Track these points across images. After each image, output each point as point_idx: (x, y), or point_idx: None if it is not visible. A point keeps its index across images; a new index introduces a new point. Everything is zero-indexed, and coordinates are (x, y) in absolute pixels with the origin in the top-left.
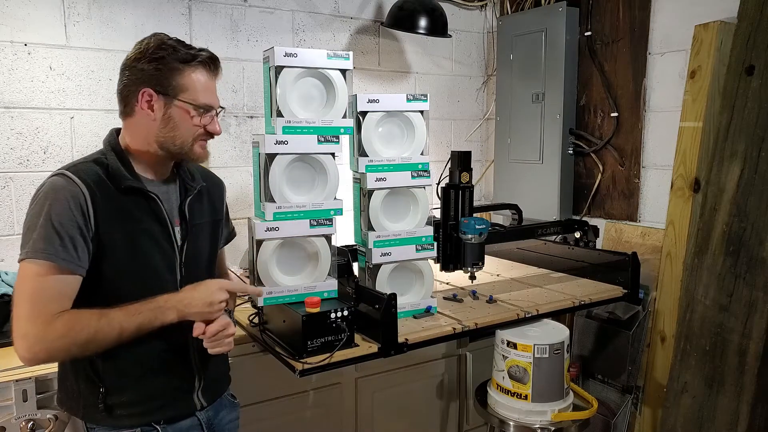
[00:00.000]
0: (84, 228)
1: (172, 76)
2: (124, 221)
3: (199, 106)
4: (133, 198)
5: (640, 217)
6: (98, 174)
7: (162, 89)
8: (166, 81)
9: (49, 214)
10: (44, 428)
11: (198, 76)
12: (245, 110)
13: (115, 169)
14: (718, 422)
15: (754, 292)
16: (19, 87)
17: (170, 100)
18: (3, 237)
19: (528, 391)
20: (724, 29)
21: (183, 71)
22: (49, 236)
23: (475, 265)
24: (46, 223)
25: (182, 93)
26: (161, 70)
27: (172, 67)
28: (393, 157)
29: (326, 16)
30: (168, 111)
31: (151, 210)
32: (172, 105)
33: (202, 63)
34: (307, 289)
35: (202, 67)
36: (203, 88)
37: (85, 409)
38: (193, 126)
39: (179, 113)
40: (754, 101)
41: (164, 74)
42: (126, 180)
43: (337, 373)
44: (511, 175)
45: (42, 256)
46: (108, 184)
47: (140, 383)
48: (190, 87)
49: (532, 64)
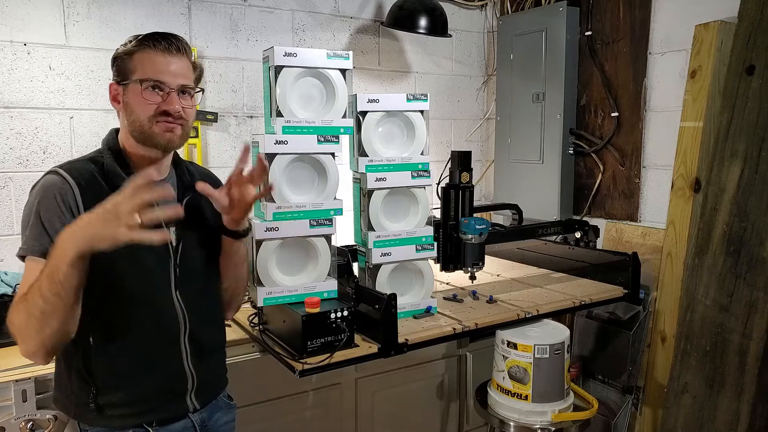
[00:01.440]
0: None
1: (123, 63)
2: None
3: (143, 80)
4: None
5: (641, 217)
6: (92, 172)
7: (120, 79)
8: (120, 70)
9: (38, 210)
10: (44, 428)
11: (146, 55)
12: (245, 110)
13: (110, 168)
14: (719, 422)
15: (755, 293)
16: (18, 87)
17: (125, 85)
18: (3, 237)
19: (528, 391)
20: (724, 29)
21: (131, 55)
22: (38, 232)
23: (475, 265)
24: (36, 220)
25: (132, 74)
26: (116, 63)
27: (122, 55)
28: (393, 157)
29: (326, 16)
30: (126, 98)
31: None
32: (127, 90)
33: (143, 41)
34: (307, 289)
35: (147, 47)
36: (151, 65)
37: (78, 408)
38: (144, 103)
39: (131, 95)
40: (755, 101)
41: (118, 64)
42: (120, 178)
43: (337, 373)
44: (511, 175)
45: (32, 252)
46: (101, 182)
47: (132, 384)
48: (138, 67)
49: (533, 63)
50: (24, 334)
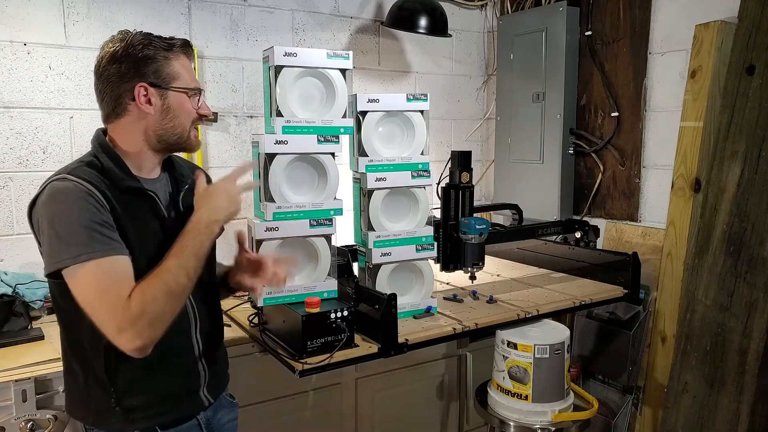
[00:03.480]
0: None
1: (161, 66)
2: (132, 222)
3: (190, 90)
4: (133, 198)
5: (641, 217)
6: (98, 177)
7: (155, 81)
8: (157, 72)
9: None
10: (44, 428)
11: (182, 62)
12: (245, 110)
13: (109, 171)
14: (719, 422)
15: (755, 292)
16: (18, 87)
17: (165, 90)
18: (3, 237)
19: (528, 391)
20: (724, 29)
21: (170, 60)
22: (90, 234)
23: (475, 265)
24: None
25: (174, 81)
26: (150, 63)
27: (159, 57)
28: (393, 157)
29: (326, 16)
30: (165, 102)
31: (149, 208)
32: (168, 95)
33: (181, 48)
34: (307, 289)
35: (181, 52)
36: (188, 72)
37: (97, 415)
38: (191, 111)
39: (176, 101)
40: (755, 101)
41: (154, 66)
42: (123, 180)
43: (337, 373)
44: (511, 175)
45: (86, 257)
46: (110, 186)
47: (151, 384)
48: (178, 74)
49: (533, 63)
50: (163, 320)
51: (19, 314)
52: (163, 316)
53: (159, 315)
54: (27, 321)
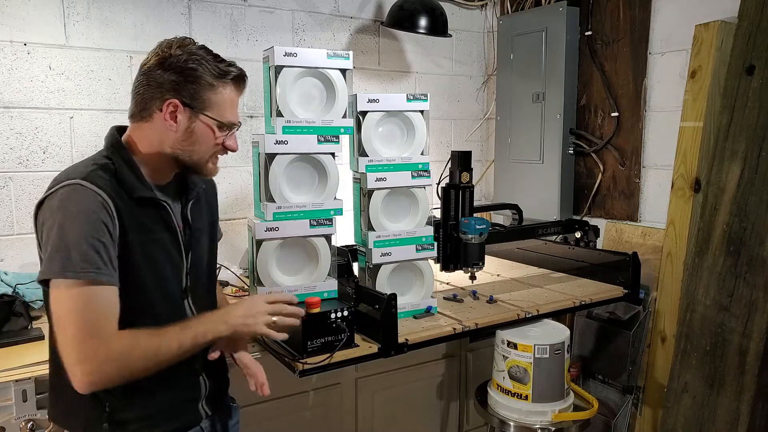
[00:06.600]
0: (113, 240)
1: (203, 90)
2: (139, 232)
3: (224, 124)
4: (145, 208)
5: (641, 217)
6: (111, 182)
7: (189, 102)
8: (195, 94)
9: (83, 229)
10: (44, 428)
11: (228, 93)
12: (245, 110)
13: (123, 177)
14: (719, 422)
15: (755, 292)
16: (18, 87)
17: (196, 114)
18: (3, 237)
19: (528, 391)
20: (724, 29)
21: (215, 87)
22: (87, 253)
23: (475, 265)
24: (82, 239)
25: (209, 109)
26: (191, 82)
27: (204, 81)
28: (393, 157)
29: (326, 16)
30: (192, 125)
31: (161, 219)
32: (197, 119)
33: (233, 80)
34: (307, 289)
35: (232, 84)
36: (230, 105)
37: (86, 423)
38: (215, 143)
39: (203, 129)
40: (755, 101)
41: (194, 87)
42: (137, 190)
43: (337, 373)
44: (511, 175)
45: (84, 275)
46: (123, 193)
47: (148, 397)
48: (218, 104)
49: (533, 63)
50: (130, 375)
51: (19, 314)
52: (133, 372)
53: (131, 369)
54: (27, 321)
